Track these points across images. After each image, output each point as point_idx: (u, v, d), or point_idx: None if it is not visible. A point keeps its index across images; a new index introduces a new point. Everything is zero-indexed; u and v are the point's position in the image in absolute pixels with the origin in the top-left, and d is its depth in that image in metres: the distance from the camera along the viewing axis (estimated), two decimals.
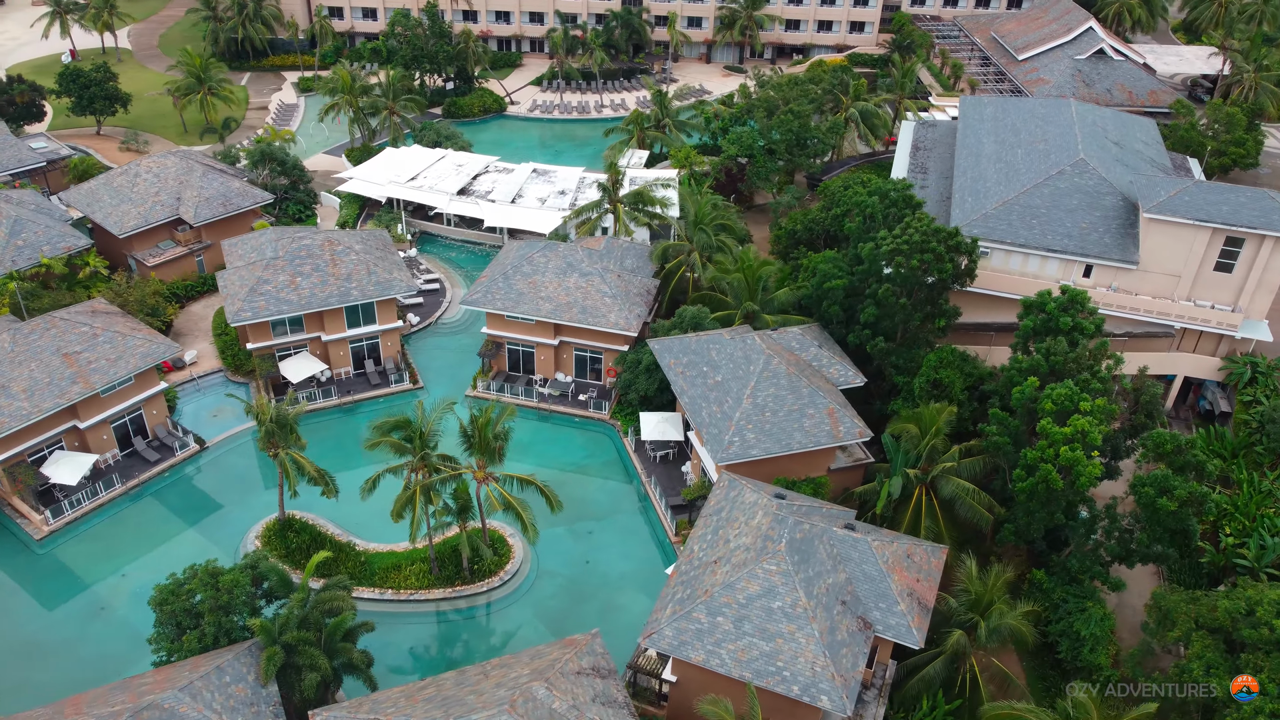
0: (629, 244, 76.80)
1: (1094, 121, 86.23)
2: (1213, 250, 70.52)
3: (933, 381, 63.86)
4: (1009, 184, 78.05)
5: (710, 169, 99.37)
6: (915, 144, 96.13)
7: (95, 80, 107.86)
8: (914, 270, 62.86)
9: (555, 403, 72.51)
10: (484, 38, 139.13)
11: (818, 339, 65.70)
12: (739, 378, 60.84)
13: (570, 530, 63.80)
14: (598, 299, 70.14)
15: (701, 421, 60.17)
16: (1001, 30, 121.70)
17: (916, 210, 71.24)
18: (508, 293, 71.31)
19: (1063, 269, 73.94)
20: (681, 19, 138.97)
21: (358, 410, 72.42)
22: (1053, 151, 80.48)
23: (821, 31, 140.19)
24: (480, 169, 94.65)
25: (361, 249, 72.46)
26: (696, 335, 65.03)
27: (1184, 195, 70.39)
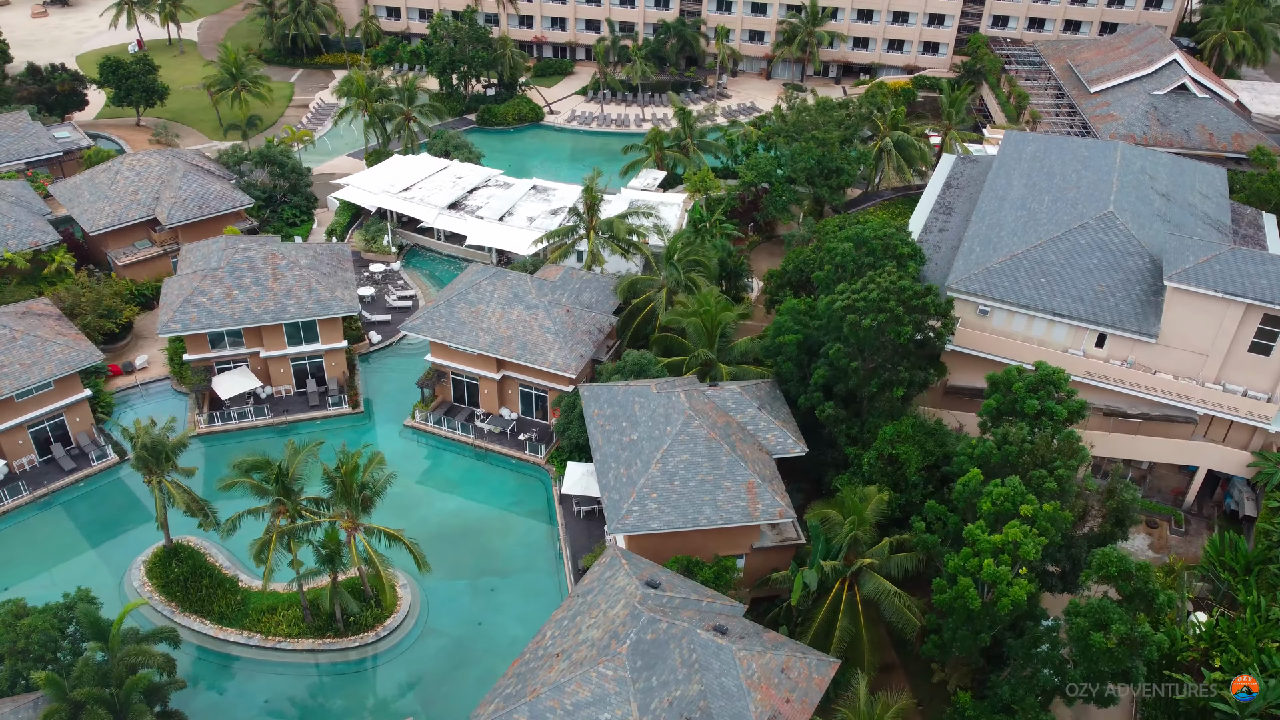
0: (590, 276, 71.56)
1: (1141, 168, 76.54)
2: (1247, 328, 60.84)
3: (887, 457, 56.64)
4: (1024, 235, 69.59)
5: (726, 195, 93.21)
6: (949, 181, 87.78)
7: (134, 72, 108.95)
8: (868, 331, 55.71)
9: (492, 441, 67.94)
10: (537, 43, 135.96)
11: (761, 399, 59.13)
12: (654, 438, 54.96)
13: (472, 585, 59.11)
14: (539, 335, 65.22)
15: (606, 484, 54.56)
16: (1078, 59, 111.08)
17: (902, 259, 63.89)
18: (449, 320, 67.12)
19: (1072, 336, 65.24)
20: (742, 32, 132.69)
21: (294, 431, 69.46)
22: (1082, 201, 71.53)
23: (891, 51, 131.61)
24: (480, 182, 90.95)
25: (308, 264, 69.47)
26: (625, 385, 59.41)
27: (1216, 263, 60.94)
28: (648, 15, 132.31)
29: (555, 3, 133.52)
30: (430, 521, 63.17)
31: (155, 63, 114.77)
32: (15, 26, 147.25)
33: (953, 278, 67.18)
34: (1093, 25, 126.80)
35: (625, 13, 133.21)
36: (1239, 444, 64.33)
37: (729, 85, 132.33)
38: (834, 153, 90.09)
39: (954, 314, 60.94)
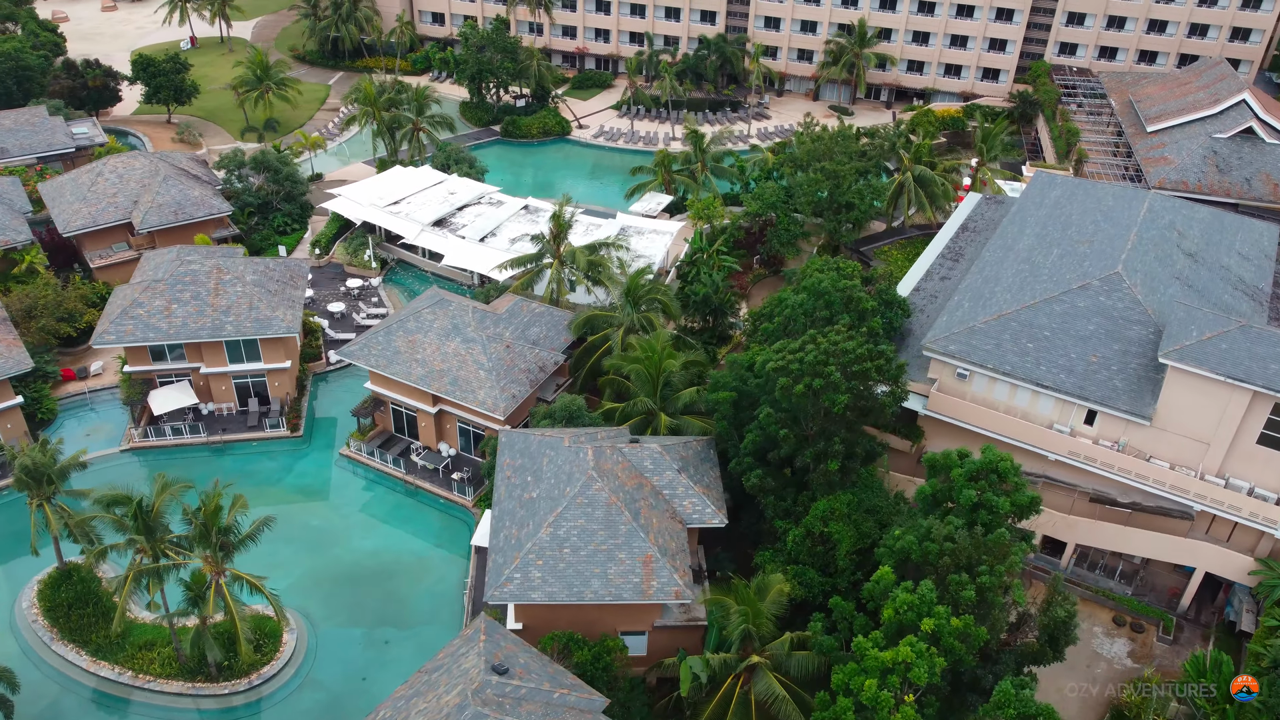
0: (542, 309, 67.41)
1: (1169, 223, 68.72)
2: (1255, 418, 53.24)
3: (817, 535, 51.09)
4: (1020, 292, 62.86)
5: (730, 224, 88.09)
6: (966, 223, 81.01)
7: (164, 71, 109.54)
8: (800, 398, 50.21)
9: (424, 477, 64.47)
10: (580, 54, 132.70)
11: (686, 460, 54.07)
12: (552, 498, 50.53)
13: (368, 634, 55.65)
14: (472, 370, 61.46)
15: (495, 544, 50.37)
16: (1140, 94, 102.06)
17: (864, 314, 58.07)
18: (385, 348, 63.94)
19: (1059, 410, 58.36)
20: (790, 51, 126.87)
21: (228, 451, 67.35)
22: (1091, 257, 64.38)
23: (947, 76, 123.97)
24: (472, 199, 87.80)
25: (253, 281, 67.22)
26: (541, 435, 55.08)
27: (1222, 341, 53.45)
28: (692, 30, 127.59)
29: (599, 14, 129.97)
30: (344, 560, 60.12)
31: (191, 61, 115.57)
32: (84, 19, 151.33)
33: (931, 335, 60.99)
34: (1169, 56, 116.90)
35: (670, 26, 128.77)
36: (1244, 546, 56.52)
37: (772, 105, 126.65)
38: (846, 185, 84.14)
39: (905, 383, 54.76)
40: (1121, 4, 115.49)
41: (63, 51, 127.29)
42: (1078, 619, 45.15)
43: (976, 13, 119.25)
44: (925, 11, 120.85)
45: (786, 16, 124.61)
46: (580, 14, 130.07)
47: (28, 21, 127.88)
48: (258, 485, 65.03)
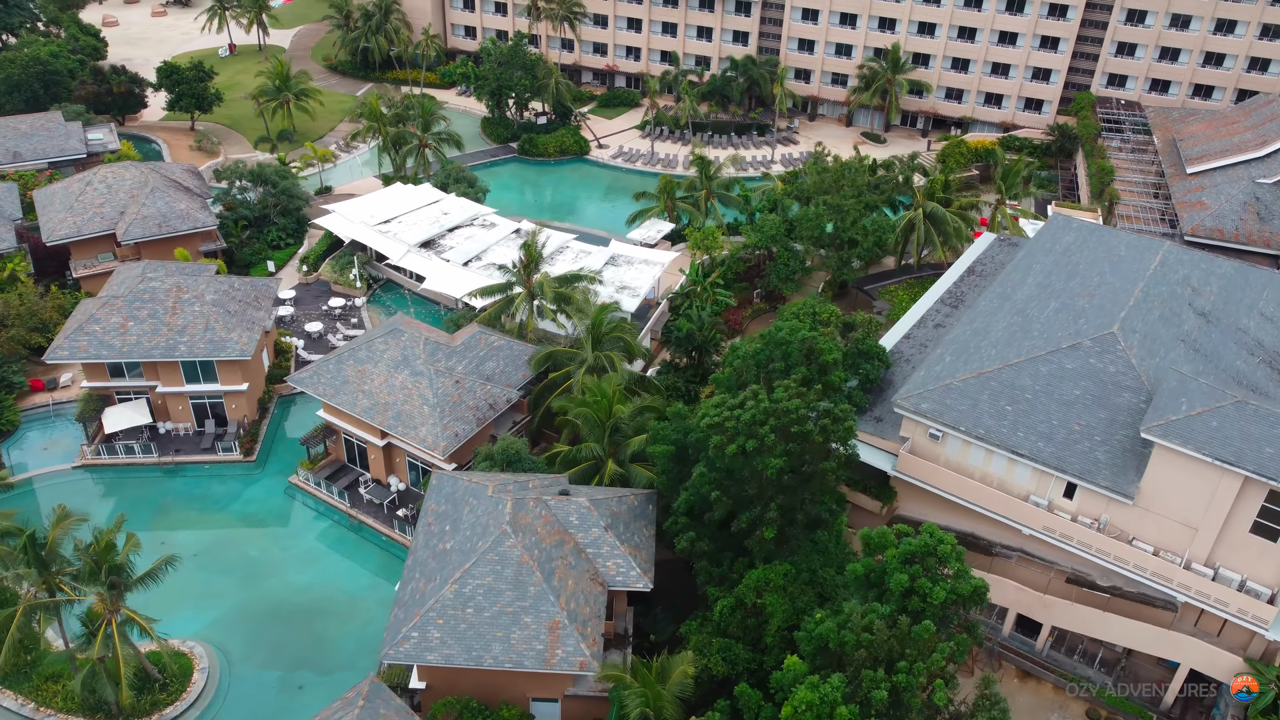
0: (502, 343, 64.71)
1: (1183, 278, 63.34)
2: (1248, 505, 48.08)
3: (749, 606, 47.42)
4: (1006, 348, 58.28)
5: (729, 256, 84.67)
6: (974, 265, 76.32)
7: (187, 78, 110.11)
8: (733, 459, 46.63)
9: (367, 512, 62.23)
10: (610, 72, 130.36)
11: (616, 516, 50.76)
12: (464, 552, 47.69)
13: (284, 678, 53.41)
14: (416, 405, 59.06)
15: (401, 597, 47.75)
16: (1184, 132, 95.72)
17: (826, 367, 54.20)
18: (334, 377, 61.94)
19: (1037, 481, 53.72)
20: (823, 74, 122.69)
21: (180, 472, 66.03)
22: (1089, 313, 59.46)
23: (988, 105, 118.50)
24: (465, 220, 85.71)
25: (213, 300, 65.87)
26: (469, 481, 52.27)
27: (1213, 417, 48.43)
28: (723, 50, 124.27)
29: (630, 32, 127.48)
30: (275, 594, 58.12)
31: (228, 69, 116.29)
32: (133, 24, 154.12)
33: (903, 391, 56.78)
34: (1226, 92, 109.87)
35: (701, 46, 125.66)
36: (1235, 644, 51.05)
37: (804, 129, 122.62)
38: (849, 221, 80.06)
39: (854, 447, 50.76)
40: (1175, 35, 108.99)
41: (102, 56, 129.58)
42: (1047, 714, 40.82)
43: (1019, 40, 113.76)
44: (965, 38, 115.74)
45: (820, 39, 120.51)
46: (611, 31, 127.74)
47: (69, 25, 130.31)
48: (203, 510, 63.69)
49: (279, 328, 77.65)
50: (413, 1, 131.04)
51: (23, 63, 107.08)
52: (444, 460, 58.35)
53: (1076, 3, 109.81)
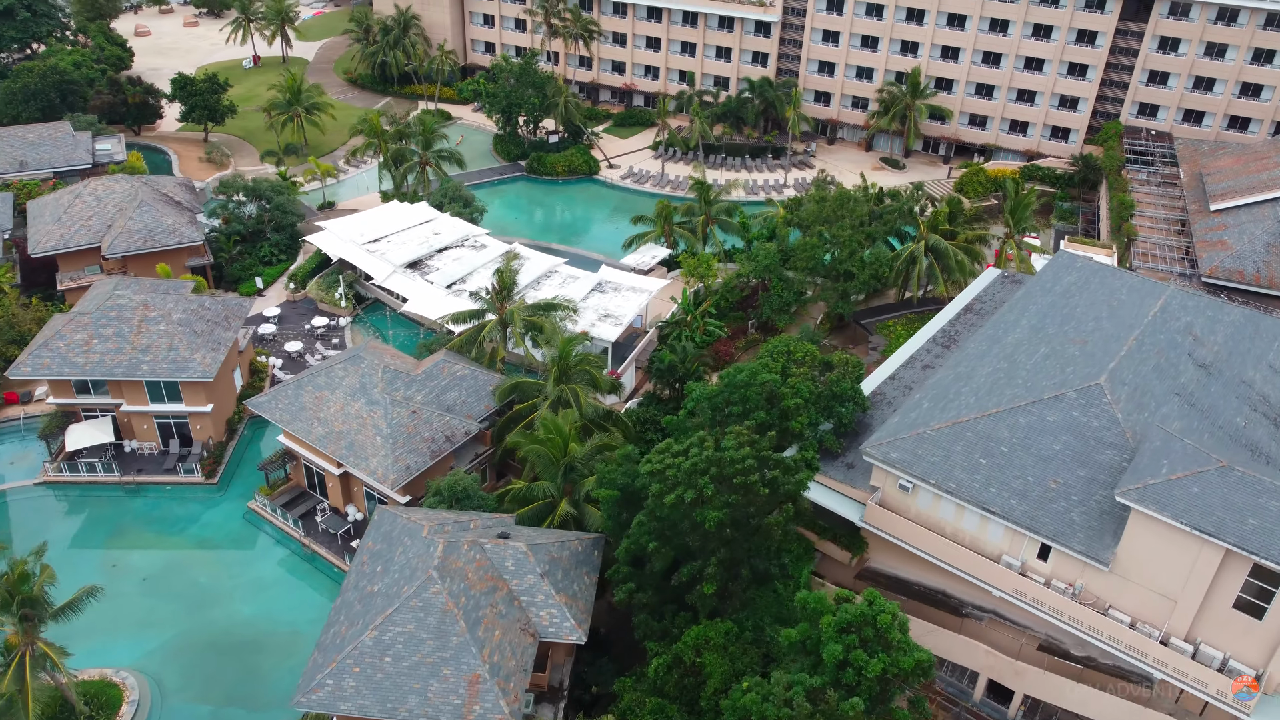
0: (466, 372, 62.85)
1: (1185, 325, 59.65)
2: (1231, 578, 44.56)
3: (687, 665, 44.89)
4: (987, 396, 55.14)
5: (722, 284, 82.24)
6: (972, 304, 73.10)
7: (200, 90, 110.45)
8: (671, 509, 44.20)
9: (322, 542, 60.67)
10: (628, 90, 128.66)
11: (555, 562, 48.48)
12: (389, 596, 45.75)
13: (215, 713, 51.88)
14: (369, 435, 57.40)
15: (322, 642, 45.90)
16: (1211, 166, 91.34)
17: (787, 413, 51.57)
18: (292, 403, 60.57)
19: (1010, 540, 50.53)
20: (843, 98, 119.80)
21: (142, 493, 65.10)
22: (1079, 360, 56.12)
23: (1012, 133, 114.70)
24: (455, 240, 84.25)
25: (180, 319, 64.96)
26: (408, 519, 50.36)
27: (1193, 483, 45.01)
28: (742, 71, 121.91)
29: (648, 50, 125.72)
30: (219, 624, 56.70)
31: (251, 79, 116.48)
32: (165, 34, 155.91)
33: (874, 438, 53.87)
34: (1264, 124, 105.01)
35: (720, 67, 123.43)
36: None
37: (822, 154, 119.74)
38: (845, 253, 77.26)
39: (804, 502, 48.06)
40: (1210, 64, 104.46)
41: (127, 65, 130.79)
42: None
43: (1046, 66, 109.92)
44: (990, 63, 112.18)
45: (840, 62, 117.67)
46: (629, 50, 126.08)
47: (96, 35, 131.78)
48: (160, 532, 62.67)
49: (257, 346, 76.76)
50: (433, 17, 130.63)
51: (40, 72, 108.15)
52: (398, 493, 56.62)
53: (1106, 29, 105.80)
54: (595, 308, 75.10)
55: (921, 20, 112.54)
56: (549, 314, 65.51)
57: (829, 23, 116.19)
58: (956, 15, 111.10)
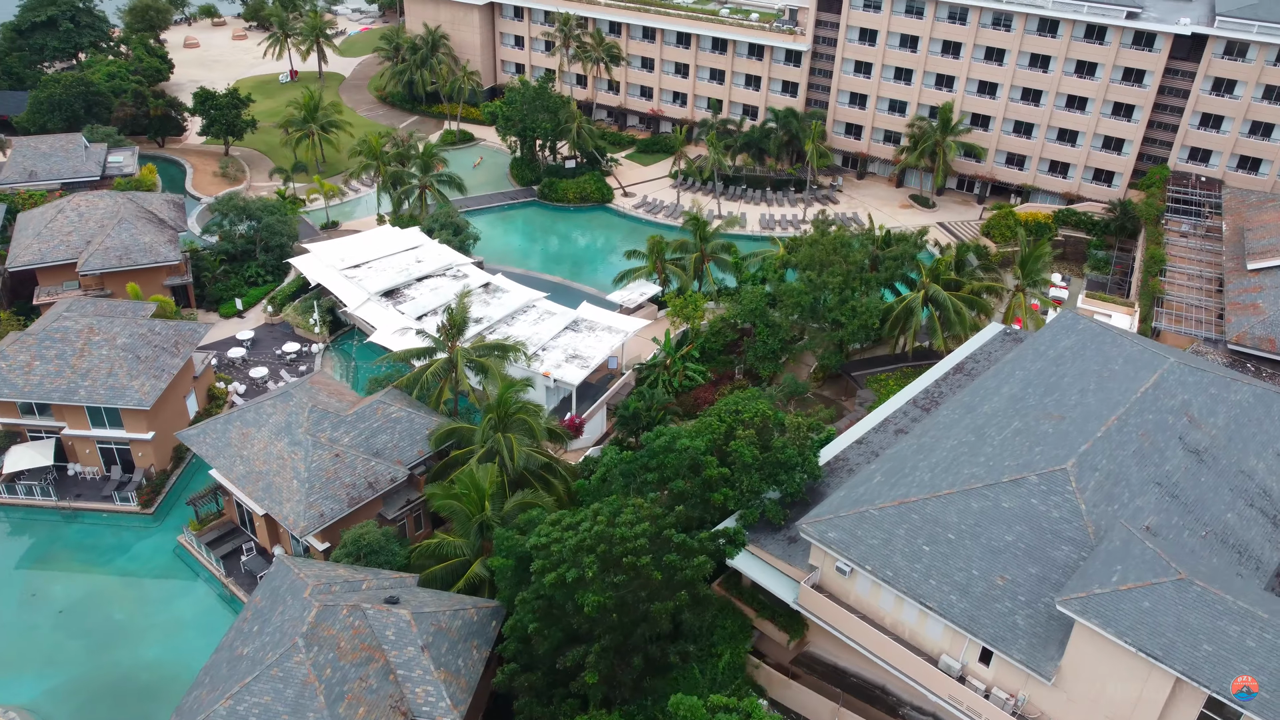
0: (401, 414, 59.86)
1: (1182, 403, 53.79)
2: (1184, 707, 39.18)
3: None
4: (946, 471, 50.30)
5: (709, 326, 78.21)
6: (964, 363, 67.95)
7: (220, 105, 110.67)
8: (553, 589, 40.46)
9: (242, 583, 58.21)
10: (655, 116, 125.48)
11: (445, 632, 44.98)
12: (254, 661, 42.81)
13: None
14: (287, 478, 54.82)
15: (182, 706, 43.18)
16: (1255, 220, 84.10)
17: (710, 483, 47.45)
18: (219, 438, 58.42)
19: (950, 639, 45.69)
20: (874, 131, 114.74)
21: (79, 519, 63.67)
22: (1051, 439, 50.89)
23: (1052, 174, 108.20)
24: (437, 269, 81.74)
25: (125, 343, 63.52)
26: (299, 573, 47.40)
27: (1146, 596, 39.81)
28: (771, 100, 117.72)
29: (676, 76, 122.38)
30: (122, 666, 54.61)
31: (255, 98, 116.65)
32: (213, 46, 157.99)
33: (813, 513, 49.42)
34: None
35: (748, 95, 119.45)
36: None
37: (850, 188, 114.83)
38: (835, 300, 72.65)
39: (702, 589, 43.77)
40: (1268, 109, 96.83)
41: (164, 77, 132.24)
42: None
43: (1089, 105, 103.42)
44: (1029, 100, 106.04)
45: (872, 94, 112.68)
46: (657, 75, 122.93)
47: (136, 47, 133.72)
48: (87, 561, 61.09)
49: (220, 371, 75.27)
50: (463, 37, 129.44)
51: (66, 83, 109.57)
52: (318, 539, 53.95)
53: (1155, 68, 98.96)
54: (565, 347, 71.76)
55: (958, 53, 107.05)
56: (499, 355, 62.32)
57: (861, 53, 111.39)
58: (995, 49, 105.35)
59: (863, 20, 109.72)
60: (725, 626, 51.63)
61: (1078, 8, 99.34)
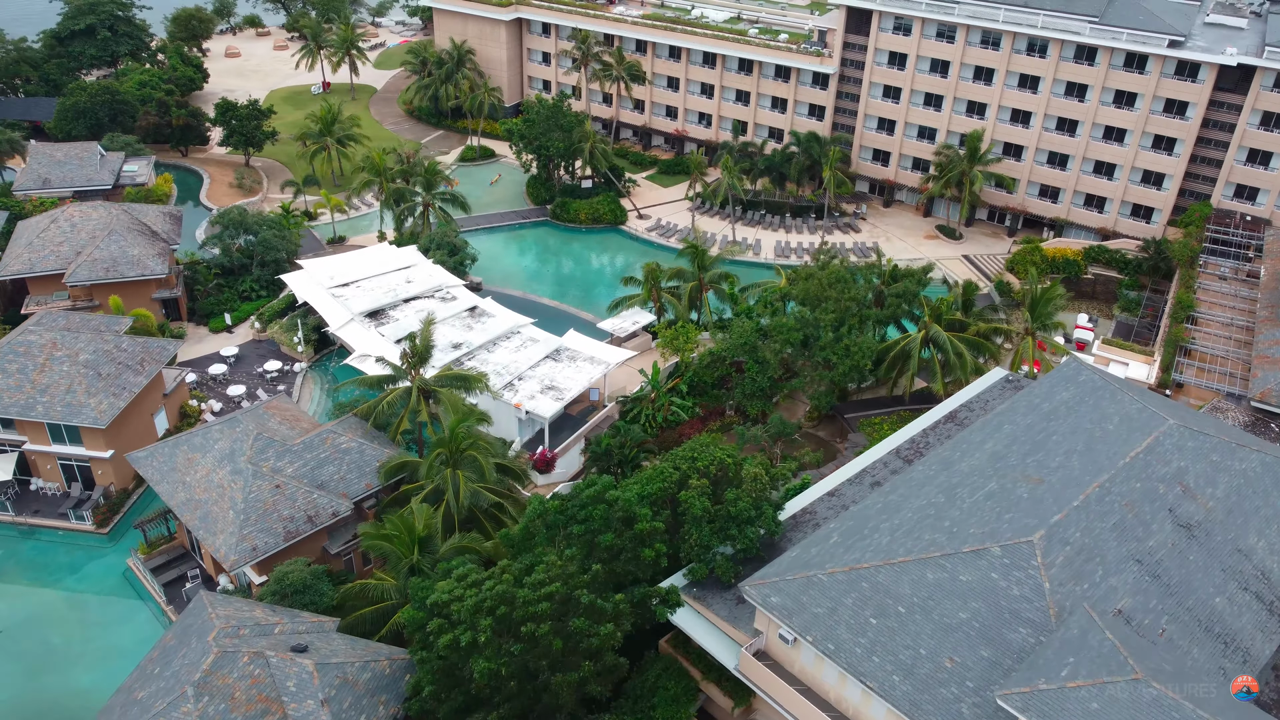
0: (351, 445, 57.76)
1: (1177, 470, 49.42)
2: None
3: None
4: (907, 536, 46.65)
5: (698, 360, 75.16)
6: (956, 411, 64.03)
7: (240, 116, 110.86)
8: (447, 649, 37.77)
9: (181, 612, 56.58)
10: (679, 137, 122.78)
11: (350, 684, 42.51)
12: (144, 708, 40.80)
13: None
14: (224, 508, 53.04)
15: None
16: None
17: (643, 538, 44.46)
18: (165, 462, 56.95)
19: None
20: (901, 158, 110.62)
21: (36, 535, 62.85)
22: (1022, 506, 47.00)
23: (1087, 208, 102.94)
24: (426, 290, 79.83)
25: (87, 359, 62.59)
26: (214, 612, 45.32)
27: (1096, 695, 36.02)
28: (797, 124, 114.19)
29: (701, 97, 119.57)
30: (49, 694, 53.25)
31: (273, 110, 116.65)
32: (254, 55, 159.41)
33: (758, 575, 46.16)
34: None
35: (774, 118, 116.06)
36: None
37: (876, 216, 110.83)
38: (825, 339, 69.09)
39: (610, 659, 40.67)
40: None
41: (198, 86, 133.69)
42: None
43: (1127, 137, 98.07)
44: (1064, 130, 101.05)
45: (900, 119, 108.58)
46: (682, 95, 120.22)
47: (172, 56, 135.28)
48: (36, 579, 60.20)
49: (195, 389, 74.23)
50: (489, 52, 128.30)
51: (92, 91, 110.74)
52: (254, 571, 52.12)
53: (1198, 100, 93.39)
54: (543, 377, 69.27)
55: (990, 80, 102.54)
56: (460, 386, 60.02)
57: (889, 77, 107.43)
58: (1029, 76, 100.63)
59: (892, 43, 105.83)
60: (668, 688, 48.61)
61: (1116, 35, 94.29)
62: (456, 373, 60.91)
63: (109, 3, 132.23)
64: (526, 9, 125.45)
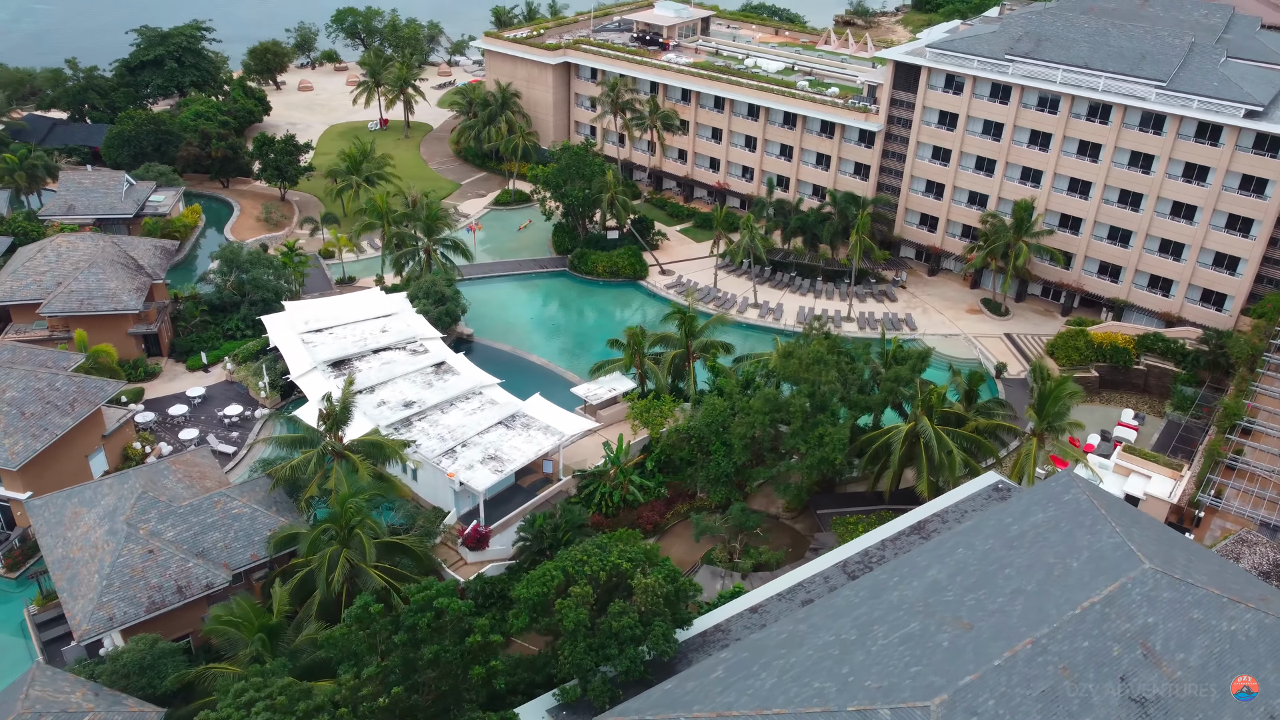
0: (245, 511, 53.90)
1: (1140, 629, 41.24)
2: None
3: None
4: (788, 685, 40.11)
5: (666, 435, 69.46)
6: (926, 521, 56.50)
7: (276, 150, 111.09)
8: None
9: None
10: (721, 190, 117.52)
11: None
12: None
13: None
14: (90, 571, 49.79)
15: None
16: None
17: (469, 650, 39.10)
18: (58, 512, 54.32)
19: None
20: (949, 224, 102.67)
21: None
22: (937, 657, 39.72)
23: (1151, 290, 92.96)
24: (398, 341, 76.33)
25: (12, 398, 60.91)
26: (30, 691, 41.83)
27: None
28: (840, 182, 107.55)
29: (744, 150, 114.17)
30: None
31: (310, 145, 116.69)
32: (325, 90, 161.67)
33: (612, 712, 40.08)
34: None
35: (817, 174, 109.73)
36: None
37: (916, 284, 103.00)
38: (794, 426, 62.53)
39: None
40: None
41: (257, 119, 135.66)
42: None
43: (1197, 215, 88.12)
44: (1127, 203, 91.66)
45: (949, 183, 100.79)
46: (725, 147, 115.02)
47: (235, 87, 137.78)
48: None
49: (147, 430, 72.30)
50: (535, 95, 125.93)
51: (139, 120, 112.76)
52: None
53: (1279, 177, 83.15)
54: (488, 445, 64.61)
55: (1046, 145, 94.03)
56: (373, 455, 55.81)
57: (938, 138, 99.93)
58: (1089, 143, 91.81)
59: (942, 102, 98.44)
60: None
61: (1187, 102, 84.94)
62: (374, 439, 56.77)
63: (180, 35, 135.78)
64: (574, 53, 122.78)
